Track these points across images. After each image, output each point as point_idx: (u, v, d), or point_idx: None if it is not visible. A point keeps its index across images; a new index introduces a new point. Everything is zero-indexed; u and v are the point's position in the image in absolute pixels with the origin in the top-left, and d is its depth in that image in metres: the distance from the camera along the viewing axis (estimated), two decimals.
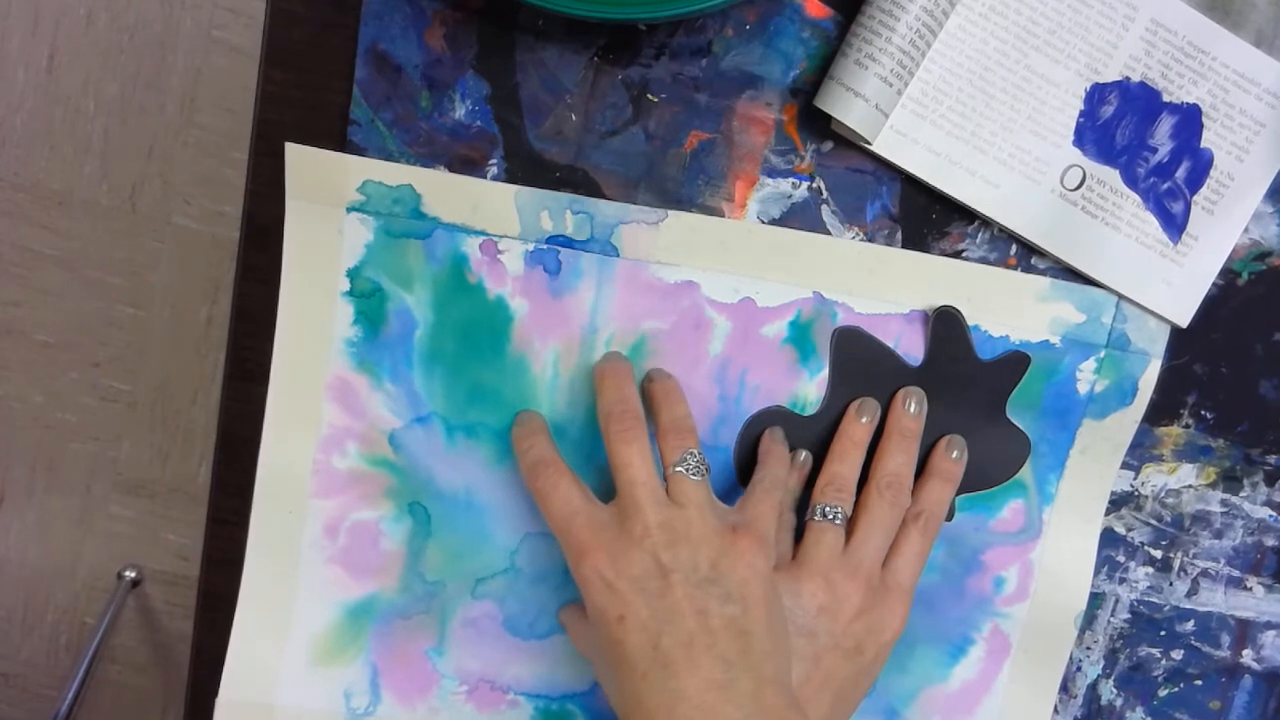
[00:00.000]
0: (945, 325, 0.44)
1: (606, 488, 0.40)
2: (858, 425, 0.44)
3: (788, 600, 0.40)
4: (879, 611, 0.41)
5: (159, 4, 1.18)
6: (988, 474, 0.46)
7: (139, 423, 1.24)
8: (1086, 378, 0.45)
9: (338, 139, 0.42)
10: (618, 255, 0.43)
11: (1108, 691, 0.48)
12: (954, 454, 0.44)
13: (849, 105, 0.40)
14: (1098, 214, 0.43)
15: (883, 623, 0.41)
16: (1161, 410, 0.46)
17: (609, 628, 0.37)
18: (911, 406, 0.44)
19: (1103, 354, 0.45)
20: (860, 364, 0.44)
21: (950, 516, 0.46)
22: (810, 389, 0.45)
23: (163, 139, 1.20)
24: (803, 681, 0.40)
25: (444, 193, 0.42)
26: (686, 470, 0.40)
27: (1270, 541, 0.47)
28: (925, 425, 0.44)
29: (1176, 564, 0.47)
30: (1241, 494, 0.47)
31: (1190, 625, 0.48)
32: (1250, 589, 0.48)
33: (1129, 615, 0.48)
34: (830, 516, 0.42)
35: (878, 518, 0.42)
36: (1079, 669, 0.48)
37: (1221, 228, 0.43)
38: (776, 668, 0.37)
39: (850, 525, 0.43)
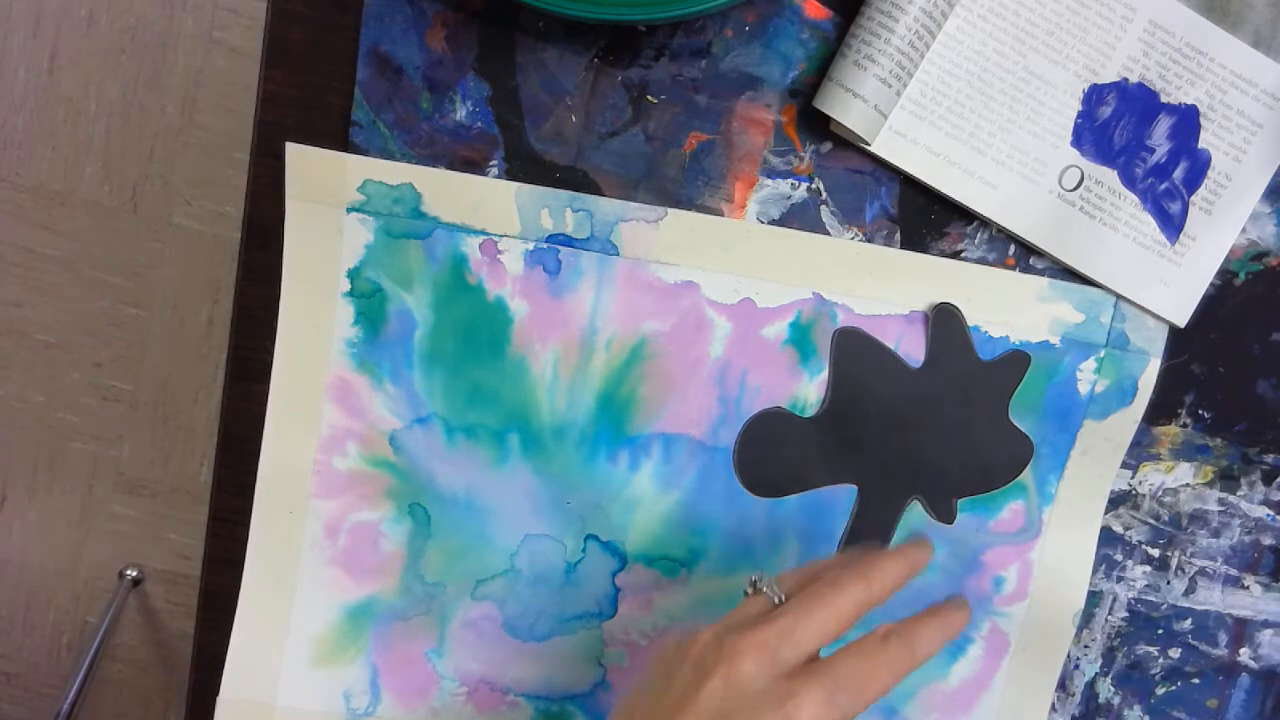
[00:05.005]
0: (945, 323, 0.44)
1: (606, 492, 0.40)
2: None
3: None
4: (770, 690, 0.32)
5: (160, 5, 1.18)
6: (990, 477, 0.46)
7: (140, 422, 1.24)
8: (1087, 378, 0.45)
9: (339, 140, 0.43)
10: (618, 254, 0.43)
11: (1105, 690, 0.48)
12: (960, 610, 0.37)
13: (848, 106, 0.40)
14: (1096, 214, 0.43)
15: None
16: (1159, 409, 0.46)
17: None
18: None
19: (1102, 354, 0.45)
20: (861, 365, 0.44)
21: (951, 518, 0.46)
22: (810, 390, 0.45)
23: (164, 139, 1.20)
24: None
25: (444, 191, 0.42)
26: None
27: (1267, 540, 0.47)
28: (927, 426, 0.44)
29: (1174, 563, 0.47)
30: (1239, 493, 0.47)
31: (1188, 624, 0.48)
32: (1247, 588, 0.48)
33: (1127, 614, 0.48)
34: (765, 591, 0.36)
35: (830, 603, 0.34)
36: (1077, 667, 0.48)
37: (1219, 228, 0.44)
38: None
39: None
